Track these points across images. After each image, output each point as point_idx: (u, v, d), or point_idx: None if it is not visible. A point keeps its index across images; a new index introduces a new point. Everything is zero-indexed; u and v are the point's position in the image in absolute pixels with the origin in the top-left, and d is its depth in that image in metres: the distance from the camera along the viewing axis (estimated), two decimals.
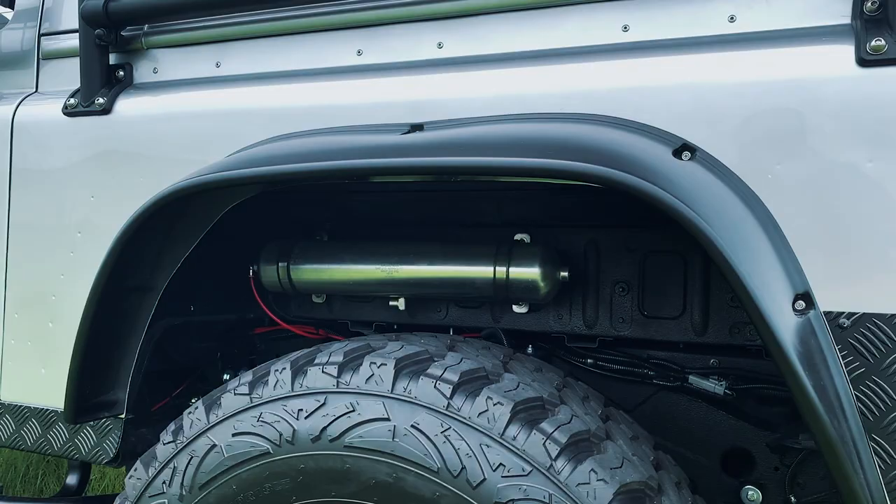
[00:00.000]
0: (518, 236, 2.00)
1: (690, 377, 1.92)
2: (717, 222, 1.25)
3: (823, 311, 1.30)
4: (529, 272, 1.84)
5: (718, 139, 1.39)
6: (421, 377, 1.41)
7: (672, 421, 2.03)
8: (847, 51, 1.32)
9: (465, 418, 1.35)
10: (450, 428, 1.35)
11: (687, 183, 1.32)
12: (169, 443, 1.60)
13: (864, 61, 1.30)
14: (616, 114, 1.48)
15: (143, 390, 2.08)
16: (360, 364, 1.46)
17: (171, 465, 1.58)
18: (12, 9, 2.19)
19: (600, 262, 1.99)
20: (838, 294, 1.30)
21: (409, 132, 1.58)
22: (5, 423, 2.05)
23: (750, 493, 1.91)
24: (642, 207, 1.34)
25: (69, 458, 1.97)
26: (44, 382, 1.99)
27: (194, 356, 2.26)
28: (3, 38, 2.18)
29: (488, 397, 1.36)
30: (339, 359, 1.49)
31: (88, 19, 1.91)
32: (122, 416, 1.90)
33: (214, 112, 1.84)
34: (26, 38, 2.15)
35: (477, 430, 1.34)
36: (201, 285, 2.15)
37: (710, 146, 1.40)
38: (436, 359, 1.48)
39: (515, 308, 2.03)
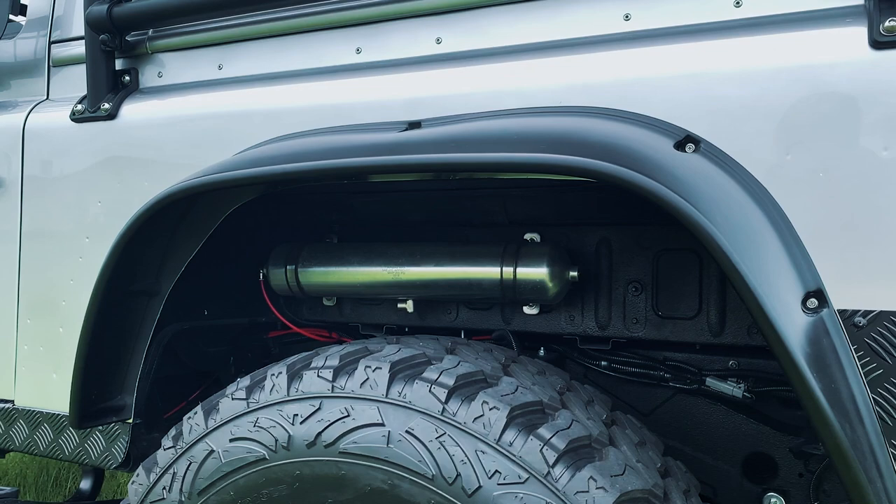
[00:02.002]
0: (528, 236, 1.95)
1: (708, 379, 1.85)
2: (718, 217, 1.19)
3: (837, 310, 1.23)
4: (537, 272, 1.79)
5: (724, 130, 1.32)
6: (416, 381, 1.37)
7: (691, 425, 1.96)
8: (859, 33, 1.25)
9: (460, 423, 1.31)
10: (445, 434, 1.31)
11: (688, 176, 1.25)
12: (169, 448, 1.59)
13: (877, 43, 1.23)
14: (619, 106, 1.42)
15: (156, 395, 2.08)
16: (356, 368, 1.43)
17: (172, 471, 1.56)
18: (24, 16, 2.22)
19: (612, 261, 1.93)
20: (853, 291, 1.23)
21: (406, 130, 1.55)
22: (19, 428, 2.07)
23: (773, 500, 1.83)
24: (653, 204, 1.28)
25: (80, 463, 1.97)
26: (55, 387, 2.00)
27: (207, 361, 2.25)
28: (16, 47, 2.21)
29: (484, 402, 1.31)
30: (335, 363, 1.46)
31: (93, 25, 1.91)
32: (130, 420, 1.89)
33: (216, 115, 1.83)
34: (37, 46, 2.17)
35: (472, 435, 1.29)
36: (212, 289, 2.15)
37: (715, 137, 1.33)
38: (433, 362, 1.44)
39: (526, 309, 1.98)
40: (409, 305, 2.03)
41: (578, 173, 1.24)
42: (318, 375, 1.44)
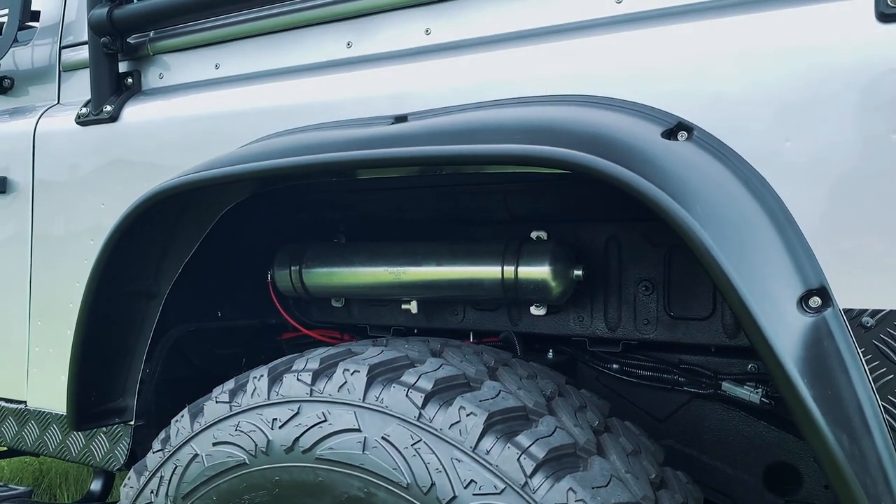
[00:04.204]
0: (534, 234, 1.87)
1: (724, 384, 1.74)
2: (701, 209, 1.09)
3: (843, 309, 1.12)
4: (539, 271, 1.71)
5: (720, 116, 1.23)
6: (393, 385, 1.31)
7: (708, 432, 1.85)
8: (865, 5, 1.13)
9: (436, 430, 1.24)
10: (420, 440, 1.25)
11: (674, 166, 1.16)
12: (158, 451, 1.57)
13: (885, 16, 1.11)
14: (611, 92, 1.34)
15: (165, 397, 2.08)
16: (334, 371, 1.38)
17: (159, 475, 1.55)
18: (37, 21, 2.25)
19: (622, 259, 1.84)
20: (860, 289, 1.12)
21: (393, 123, 1.50)
22: (31, 429, 2.09)
23: None
24: None
25: (86, 464, 1.98)
26: (63, 389, 2.00)
27: (218, 363, 2.24)
28: (29, 53, 2.24)
29: (461, 407, 1.24)
30: (315, 365, 1.41)
31: (95, 28, 1.92)
32: (132, 422, 1.89)
33: (212, 115, 1.81)
34: (48, 51, 2.20)
35: (448, 442, 1.23)
36: (220, 291, 2.14)
37: (710, 124, 1.24)
38: (416, 365, 1.38)
39: (533, 310, 1.90)
40: (412, 306, 1.98)
41: (552, 164, 1.16)
42: (298, 379, 1.40)
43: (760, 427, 1.78)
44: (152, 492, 1.55)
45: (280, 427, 1.38)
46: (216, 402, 1.50)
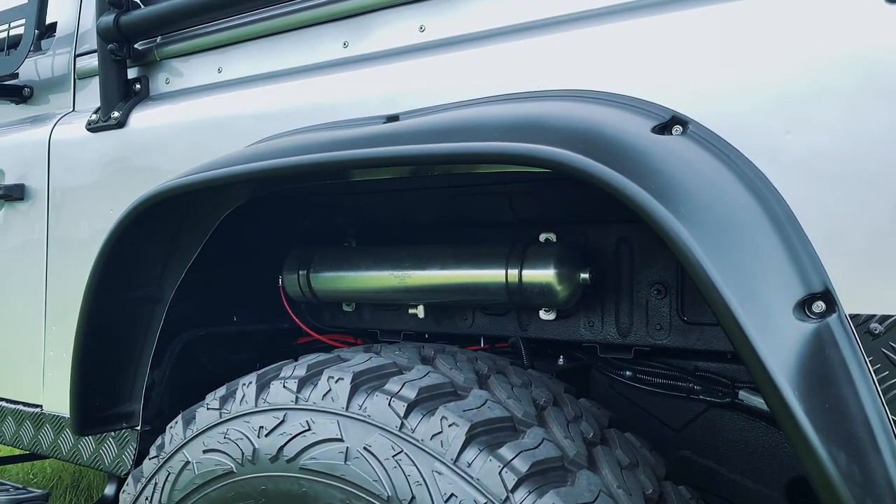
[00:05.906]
0: (543, 236, 1.81)
1: (741, 392, 1.65)
2: (686, 207, 1.02)
3: (849, 315, 1.03)
4: (543, 274, 1.65)
5: (717, 108, 1.15)
6: (376, 393, 1.27)
7: (727, 443, 1.76)
8: None
9: (417, 441, 1.20)
10: (401, 451, 1.20)
11: (663, 162, 1.09)
12: (153, 458, 1.56)
13: None
14: (608, 86, 1.27)
15: (178, 402, 2.08)
16: (320, 378, 1.34)
17: (154, 481, 1.53)
18: (54, 31, 2.28)
19: (634, 262, 1.76)
20: (868, 293, 1.03)
21: (385, 123, 1.46)
22: (46, 433, 2.11)
23: None
24: None
25: (96, 468, 1.99)
26: None
27: (231, 368, 2.23)
28: (47, 62, 2.28)
29: (443, 417, 1.19)
30: (302, 372, 1.38)
31: (103, 35, 1.93)
32: (139, 427, 1.89)
33: (213, 119, 1.80)
34: (64, 60, 2.22)
35: (429, 454, 1.18)
36: (231, 296, 2.13)
37: (707, 117, 1.16)
38: (403, 372, 1.33)
39: (542, 315, 1.84)
40: (419, 311, 1.93)
41: (527, 162, 1.10)
42: (284, 386, 1.37)
43: (782, 438, 1.68)
44: (147, 498, 1.53)
45: (266, 435, 1.35)
46: (207, 408, 1.48)
